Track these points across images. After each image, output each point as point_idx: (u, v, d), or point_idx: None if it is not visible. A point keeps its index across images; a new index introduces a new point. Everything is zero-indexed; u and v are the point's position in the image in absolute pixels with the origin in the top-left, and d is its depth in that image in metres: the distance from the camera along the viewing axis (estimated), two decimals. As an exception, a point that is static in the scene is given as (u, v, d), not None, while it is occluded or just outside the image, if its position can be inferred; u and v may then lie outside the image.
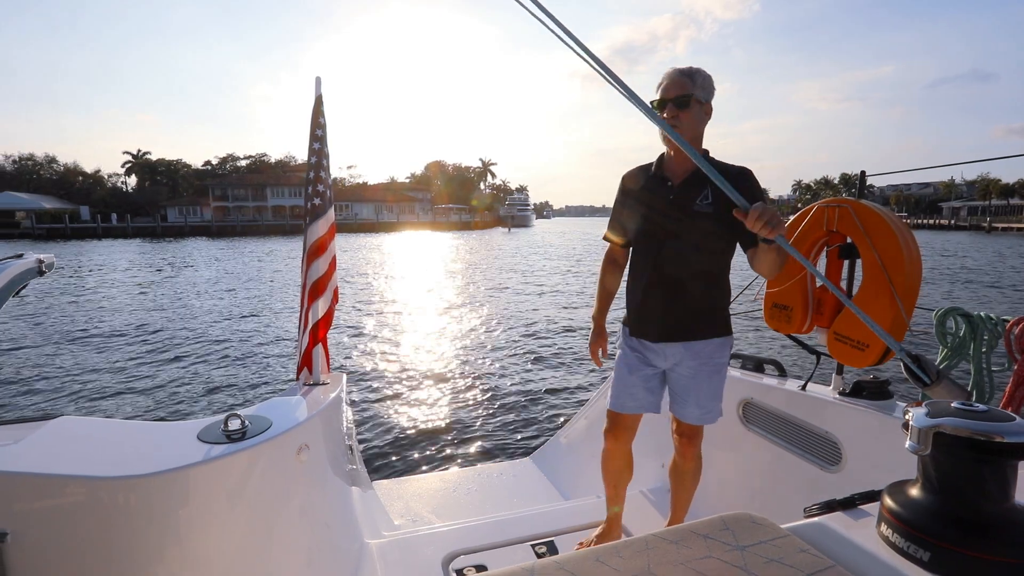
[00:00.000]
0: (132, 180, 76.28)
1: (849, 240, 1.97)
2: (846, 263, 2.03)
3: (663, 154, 1.86)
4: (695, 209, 1.76)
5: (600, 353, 2.13)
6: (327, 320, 2.01)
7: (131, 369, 7.60)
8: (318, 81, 2.01)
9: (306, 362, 2.01)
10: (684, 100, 1.70)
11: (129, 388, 6.76)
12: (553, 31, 1.20)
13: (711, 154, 1.79)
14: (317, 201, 1.94)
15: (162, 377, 7.21)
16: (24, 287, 1.62)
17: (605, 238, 2.08)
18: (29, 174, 68.48)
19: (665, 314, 1.86)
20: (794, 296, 2.10)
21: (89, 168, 75.06)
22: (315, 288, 1.94)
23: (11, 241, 48.12)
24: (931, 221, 73.25)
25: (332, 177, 2.04)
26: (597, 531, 2.25)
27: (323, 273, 1.96)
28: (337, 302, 2.08)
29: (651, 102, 1.75)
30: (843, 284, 2.04)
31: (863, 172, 2.06)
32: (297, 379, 2.04)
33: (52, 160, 71.61)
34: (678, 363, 1.91)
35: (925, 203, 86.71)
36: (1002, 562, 0.62)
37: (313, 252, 1.93)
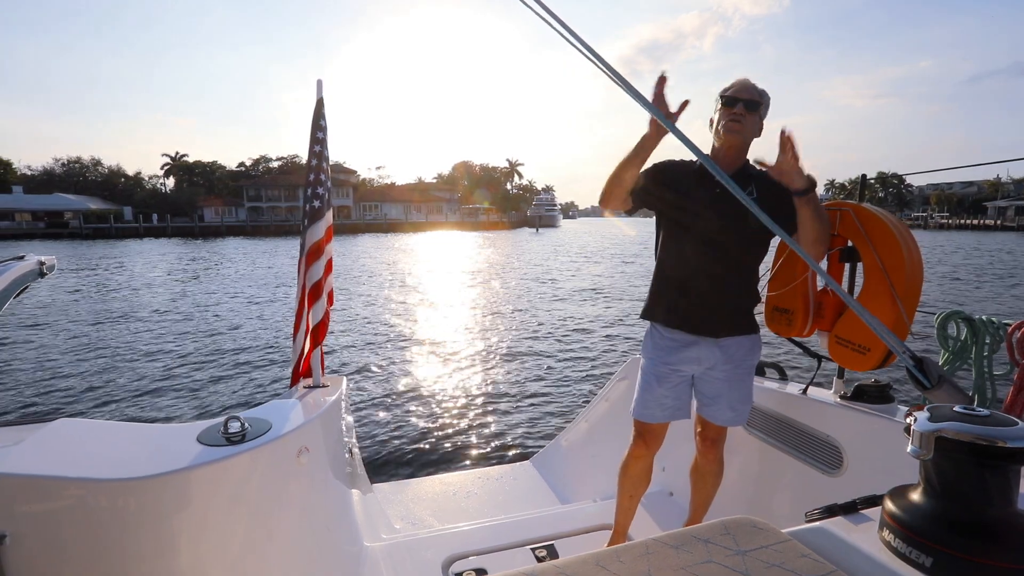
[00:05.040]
0: (170, 182, 78.89)
1: (850, 243, 1.94)
2: (847, 266, 2.00)
3: (712, 150, 1.89)
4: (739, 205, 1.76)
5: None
6: (325, 323, 2.01)
7: (132, 370, 7.53)
8: (319, 84, 2.03)
9: (305, 365, 2.02)
10: (755, 105, 1.81)
11: (129, 389, 6.71)
12: (560, 32, 1.18)
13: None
14: (317, 204, 1.95)
15: (162, 378, 7.15)
16: (25, 289, 1.63)
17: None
18: (76, 176, 71.29)
19: (702, 308, 1.90)
20: (795, 299, 2.07)
21: (130, 170, 78.16)
22: (314, 291, 1.95)
23: (61, 240, 49.63)
24: (975, 221, 69.59)
25: (361, 177, 2.06)
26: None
27: (321, 276, 1.96)
28: (332, 304, 2.09)
29: (720, 95, 1.82)
30: (844, 288, 2.01)
31: (863, 176, 2.02)
32: (293, 381, 2.04)
33: (97, 163, 74.47)
34: (711, 367, 1.94)
35: (968, 202, 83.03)
36: (1004, 567, 0.61)
37: (312, 254, 1.93)
